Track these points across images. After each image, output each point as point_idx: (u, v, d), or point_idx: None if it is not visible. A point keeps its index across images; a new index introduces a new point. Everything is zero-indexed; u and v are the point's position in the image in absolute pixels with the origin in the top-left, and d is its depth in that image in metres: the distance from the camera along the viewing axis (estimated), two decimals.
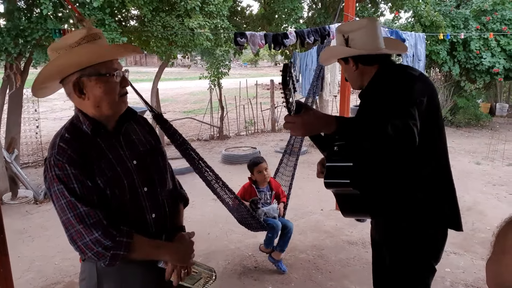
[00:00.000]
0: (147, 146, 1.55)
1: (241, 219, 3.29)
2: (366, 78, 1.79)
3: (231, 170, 6.87)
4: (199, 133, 10.01)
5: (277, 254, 3.46)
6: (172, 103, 16.95)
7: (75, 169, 1.31)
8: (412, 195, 1.70)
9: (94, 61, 1.34)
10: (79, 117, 1.41)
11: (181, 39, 5.98)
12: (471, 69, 9.76)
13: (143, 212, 1.46)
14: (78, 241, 1.31)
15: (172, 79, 27.90)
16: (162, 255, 1.47)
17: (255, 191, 3.43)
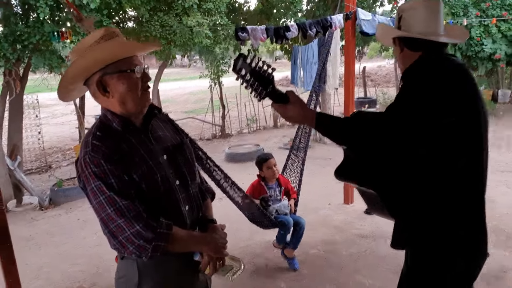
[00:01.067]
0: (173, 141, 1.57)
1: (252, 217, 3.25)
2: (409, 64, 1.60)
3: (235, 168, 6.83)
4: (201, 132, 9.98)
5: (289, 251, 3.41)
6: (172, 103, 16.92)
7: (111, 165, 1.32)
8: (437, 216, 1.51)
9: (115, 57, 1.36)
10: (107, 115, 1.43)
11: (180, 38, 5.93)
12: (472, 57, 9.68)
13: (178, 204, 1.48)
14: (119, 236, 1.31)
15: (171, 79, 27.84)
16: (200, 246, 1.49)
17: (264, 188, 3.37)
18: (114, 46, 1.36)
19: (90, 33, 1.46)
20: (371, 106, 10.71)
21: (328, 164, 6.32)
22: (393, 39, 1.67)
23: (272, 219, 3.18)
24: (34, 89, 7.48)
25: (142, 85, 1.42)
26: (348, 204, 4.79)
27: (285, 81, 21.77)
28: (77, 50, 1.40)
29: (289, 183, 3.59)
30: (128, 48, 1.41)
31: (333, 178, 1.74)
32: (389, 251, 3.63)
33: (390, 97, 13.48)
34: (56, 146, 10.07)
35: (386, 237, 3.80)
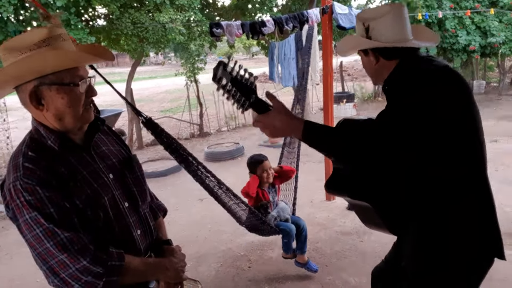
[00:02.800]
0: (119, 156, 1.40)
1: (251, 226, 3.01)
2: (386, 74, 1.56)
3: (215, 167, 6.65)
4: (179, 131, 9.78)
5: (301, 257, 3.21)
6: (148, 102, 16.59)
7: (48, 192, 1.13)
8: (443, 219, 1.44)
9: (56, 68, 1.15)
10: (40, 131, 1.22)
11: (152, 35, 5.75)
12: (448, 49, 9.81)
13: (129, 229, 1.32)
14: (61, 273, 1.13)
15: (146, 78, 27.36)
16: (157, 274, 1.36)
17: (265, 193, 3.13)
18: (56, 55, 1.15)
19: None
20: (349, 100, 10.73)
21: (308, 160, 6.26)
22: (364, 50, 1.59)
23: (272, 226, 2.98)
24: None
25: (85, 101, 1.23)
26: (329, 201, 4.74)
27: (262, 77, 21.68)
28: (10, 48, 1.16)
29: (283, 168, 3.31)
30: (73, 59, 1.20)
31: (314, 175, 1.68)
32: (373, 247, 3.60)
33: (368, 91, 13.56)
34: None
35: (370, 233, 3.76)
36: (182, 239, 4.08)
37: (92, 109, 1.28)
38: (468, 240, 1.43)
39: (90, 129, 1.31)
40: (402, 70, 1.49)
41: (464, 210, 1.43)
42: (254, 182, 3.02)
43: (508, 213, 4.13)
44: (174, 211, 4.82)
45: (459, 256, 1.44)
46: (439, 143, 1.36)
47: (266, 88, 14.82)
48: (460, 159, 1.40)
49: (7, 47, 1.17)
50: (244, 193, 3.02)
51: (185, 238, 4.11)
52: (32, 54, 1.13)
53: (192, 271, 3.41)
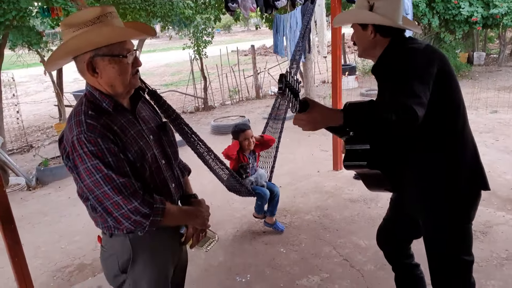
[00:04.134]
0: (155, 122, 1.62)
1: (230, 186, 3.40)
2: (378, 50, 1.77)
3: (221, 140, 6.85)
4: (183, 105, 9.88)
5: (269, 218, 3.57)
6: (149, 76, 16.56)
7: (107, 144, 1.34)
8: (437, 163, 1.72)
9: (109, 41, 1.35)
10: (96, 95, 1.42)
11: (160, 9, 5.78)
12: (450, 20, 9.80)
13: (167, 182, 1.56)
14: (114, 212, 1.34)
15: (145, 51, 27.10)
16: (189, 220, 1.58)
17: (245, 157, 3.44)
18: (107, 31, 1.34)
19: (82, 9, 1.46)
20: (351, 73, 10.77)
21: (312, 132, 6.42)
22: (360, 25, 1.77)
23: (249, 189, 3.36)
24: (5, 66, 7.20)
25: (132, 70, 1.43)
26: (337, 171, 4.92)
27: (262, 50, 21.52)
28: (69, 25, 1.36)
29: (264, 137, 3.59)
30: (123, 34, 1.40)
31: (319, 146, 1.86)
32: (380, 213, 3.79)
33: (369, 64, 13.57)
34: (35, 125, 9.81)
35: (376, 201, 3.96)
36: None
37: (138, 76, 1.49)
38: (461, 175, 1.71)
39: (134, 95, 1.53)
40: (395, 47, 1.72)
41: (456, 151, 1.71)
42: (234, 146, 3.37)
43: (508, 180, 4.32)
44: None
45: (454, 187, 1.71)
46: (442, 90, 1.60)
47: (267, 60, 14.69)
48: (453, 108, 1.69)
49: (66, 23, 1.38)
50: (225, 154, 3.36)
51: None
52: (89, 29, 1.33)
53: None
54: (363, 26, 1.77)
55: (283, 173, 5.03)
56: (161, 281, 1.56)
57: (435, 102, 1.54)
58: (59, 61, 1.44)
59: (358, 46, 1.86)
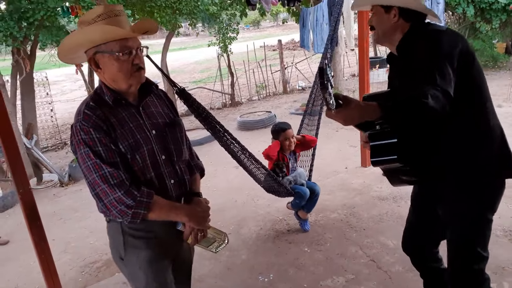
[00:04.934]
0: (166, 119, 1.65)
1: (268, 187, 3.27)
2: (398, 35, 1.70)
3: (248, 136, 6.82)
4: (211, 101, 9.93)
5: (303, 213, 3.48)
6: (179, 73, 16.77)
7: (99, 134, 1.42)
8: (464, 149, 1.65)
9: (104, 39, 1.41)
10: (102, 88, 1.51)
11: (185, 6, 5.79)
12: (486, 9, 9.34)
13: (163, 177, 1.57)
14: (103, 199, 1.42)
15: (176, 49, 27.49)
16: (180, 216, 1.56)
17: (285, 157, 3.35)
18: (103, 29, 1.40)
19: None
20: (381, 66, 10.49)
21: (342, 127, 6.27)
22: (384, 7, 1.68)
23: (288, 188, 3.21)
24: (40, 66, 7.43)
25: (133, 66, 1.47)
26: (365, 167, 4.78)
27: (291, 45, 21.34)
28: (80, 22, 1.47)
29: (305, 137, 3.49)
30: (118, 32, 1.42)
31: (347, 142, 1.78)
32: None
33: None
34: (69, 123, 10.11)
35: (406, 199, 3.80)
36: (222, 203, 4.28)
37: (142, 73, 1.52)
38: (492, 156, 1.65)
39: (142, 91, 1.59)
40: (416, 31, 1.66)
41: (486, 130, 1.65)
42: (275, 146, 3.26)
43: None
44: (213, 178, 5.02)
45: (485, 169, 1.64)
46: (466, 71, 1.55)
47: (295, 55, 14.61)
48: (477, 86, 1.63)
49: (79, 20, 1.49)
50: (266, 154, 3.26)
51: (224, 202, 4.30)
52: (90, 27, 1.42)
53: (234, 233, 3.59)
54: (386, 9, 1.68)
55: None
56: (154, 271, 1.58)
57: (461, 82, 1.50)
58: (70, 55, 1.53)
59: (377, 30, 1.76)
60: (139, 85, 1.55)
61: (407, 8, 1.64)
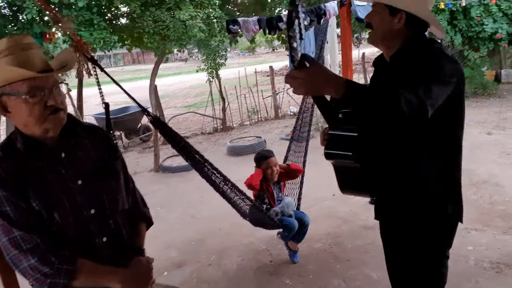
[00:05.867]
0: (98, 162, 1.41)
1: (254, 220, 3.12)
2: (397, 41, 1.53)
3: (237, 161, 6.75)
4: (202, 126, 9.90)
5: (293, 244, 3.36)
6: (172, 98, 16.82)
7: (6, 191, 1.22)
8: (418, 184, 1.55)
9: (5, 81, 1.21)
10: (16, 133, 1.30)
11: (173, 33, 5.82)
12: (473, 37, 9.50)
13: (91, 236, 1.35)
14: (18, 265, 1.23)
15: (171, 74, 27.72)
16: (113, 283, 1.33)
17: (270, 186, 3.21)
18: (4, 68, 1.20)
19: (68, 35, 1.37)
20: None
21: None
22: (389, 7, 1.48)
23: (276, 221, 3.05)
24: None
25: (47, 108, 1.25)
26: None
27: (284, 70, 21.60)
28: None
29: (290, 166, 3.37)
30: (21, 73, 1.20)
31: None
32: None
33: None
34: None
35: None
36: (207, 232, 4.17)
37: (60, 115, 1.30)
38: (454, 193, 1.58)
39: (65, 133, 1.35)
40: (418, 43, 1.51)
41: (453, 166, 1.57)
42: (258, 175, 3.11)
43: None
44: (198, 205, 4.92)
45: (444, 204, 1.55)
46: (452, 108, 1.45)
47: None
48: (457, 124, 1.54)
49: None
50: (248, 184, 3.11)
51: (208, 230, 4.20)
52: None
53: (214, 264, 3.48)
54: (392, 10, 1.48)
55: None
56: None
57: (444, 113, 1.40)
58: None
59: (375, 30, 1.57)
60: (58, 128, 1.32)
61: (414, 15, 1.49)
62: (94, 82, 2.42)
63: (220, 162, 7.27)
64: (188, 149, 2.62)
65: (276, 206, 3.19)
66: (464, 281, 2.86)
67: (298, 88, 1.24)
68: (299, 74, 1.22)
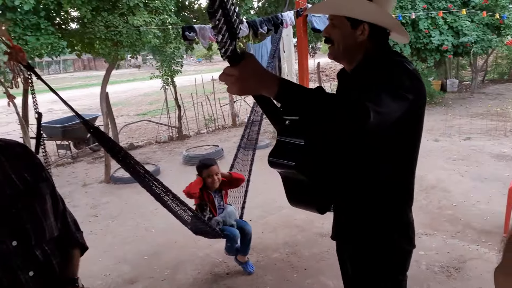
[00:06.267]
0: (19, 186, 1.23)
1: (195, 229, 3.07)
2: (359, 55, 1.43)
3: (194, 171, 6.56)
4: (157, 135, 9.66)
5: (242, 257, 3.32)
6: (125, 106, 16.33)
7: None
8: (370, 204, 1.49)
9: None
10: None
11: (126, 39, 5.63)
12: (421, 49, 9.97)
13: (14, 271, 1.18)
14: None
15: (124, 81, 26.99)
16: None
17: (211, 195, 3.13)
18: None
19: None
20: None
21: None
22: (349, 19, 1.38)
23: (217, 230, 3.01)
24: None
25: None
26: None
27: None
28: None
29: (232, 175, 3.28)
30: None
31: None
32: None
33: None
34: None
35: None
36: (161, 245, 4.02)
37: None
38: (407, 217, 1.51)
39: None
40: (380, 55, 1.41)
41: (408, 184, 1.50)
42: (197, 183, 3.04)
43: (482, 210, 4.21)
44: (152, 217, 4.75)
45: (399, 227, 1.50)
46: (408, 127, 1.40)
47: None
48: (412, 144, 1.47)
49: None
50: (186, 193, 3.02)
51: (163, 244, 4.05)
52: None
53: (169, 279, 3.36)
54: (353, 23, 1.38)
55: (254, 205, 4.80)
56: None
57: (399, 131, 1.35)
58: None
59: (336, 46, 1.45)
60: None
61: (377, 25, 1.39)
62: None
63: (176, 171, 7.13)
64: (128, 159, 2.53)
65: (218, 215, 3.14)
66: (416, 285, 2.92)
67: (232, 86, 1.11)
68: (232, 71, 1.09)
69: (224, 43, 1.02)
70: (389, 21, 1.39)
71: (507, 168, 5.49)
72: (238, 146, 3.70)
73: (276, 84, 1.11)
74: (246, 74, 1.09)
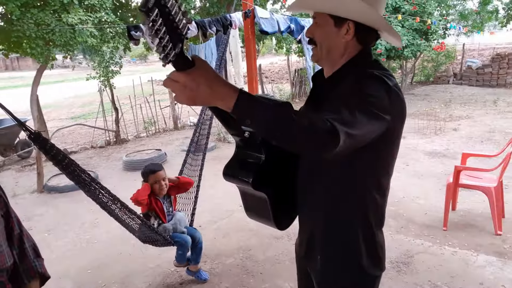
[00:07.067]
0: None
1: (143, 237, 2.93)
2: (344, 58, 1.30)
3: (135, 177, 6.31)
4: (93, 139, 9.13)
5: (194, 267, 3.21)
6: (55, 108, 15.33)
7: None
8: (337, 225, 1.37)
9: None
10: None
11: (60, 38, 5.23)
12: None
13: None
14: None
15: (52, 82, 25.33)
16: None
17: (159, 201, 3.01)
18: None
19: None
20: None
21: None
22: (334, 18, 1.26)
23: (167, 238, 2.90)
24: None
25: None
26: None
27: None
28: None
29: (179, 179, 3.16)
30: None
31: None
32: None
33: (286, 93, 13.91)
34: None
35: None
36: (105, 257, 3.77)
37: None
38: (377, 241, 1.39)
39: None
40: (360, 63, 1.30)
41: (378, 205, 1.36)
42: (144, 190, 2.92)
43: (421, 205, 4.45)
44: (93, 228, 4.45)
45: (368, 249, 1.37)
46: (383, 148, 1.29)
47: None
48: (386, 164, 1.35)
49: None
50: (134, 200, 2.90)
51: (107, 255, 3.80)
52: None
53: None
54: (337, 21, 1.26)
55: (203, 210, 4.67)
56: None
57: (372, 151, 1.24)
58: None
59: (319, 47, 1.32)
60: None
61: (363, 24, 1.26)
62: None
63: (116, 178, 6.77)
64: (73, 167, 2.35)
65: (167, 222, 3.03)
66: None
67: (180, 94, 0.96)
68: (179, 77, 0.94)
69: (164, 47, 0.87)
70: (375, 19, 1.26)
71: (440, 164, 5.87)
72: (187, 151, 3.57)
73: (233, 97, 0.96)
74: (196, 82, 0.93)
